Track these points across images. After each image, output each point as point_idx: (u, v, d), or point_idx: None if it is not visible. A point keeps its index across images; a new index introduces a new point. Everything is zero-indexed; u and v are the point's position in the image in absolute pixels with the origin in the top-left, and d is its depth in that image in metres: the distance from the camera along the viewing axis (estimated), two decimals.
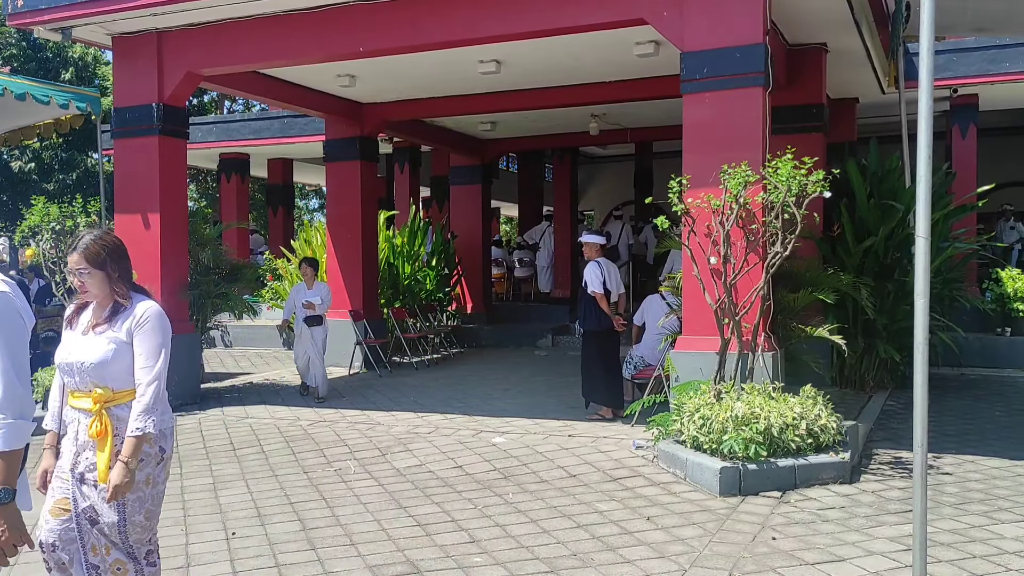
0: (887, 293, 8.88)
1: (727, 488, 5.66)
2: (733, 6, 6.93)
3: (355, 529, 5.19)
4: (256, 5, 8.34)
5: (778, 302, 6.90)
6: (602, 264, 8.07)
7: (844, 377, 9.31)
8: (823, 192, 6.15)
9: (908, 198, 8.38)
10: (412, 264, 13.46)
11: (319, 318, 9.53)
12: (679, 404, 6.44)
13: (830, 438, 6.03)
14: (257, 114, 18.37)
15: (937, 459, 6.51)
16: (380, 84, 11.07)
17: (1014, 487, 5.80)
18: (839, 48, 9.15)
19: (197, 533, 5.23)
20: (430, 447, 7.10)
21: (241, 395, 9.77)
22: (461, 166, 15.80)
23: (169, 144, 9.24)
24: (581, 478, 6.11)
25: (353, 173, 12.01)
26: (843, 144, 11.14)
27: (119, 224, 9.30)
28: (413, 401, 9.21)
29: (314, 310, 9.46)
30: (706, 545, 4.79)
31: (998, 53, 11.35)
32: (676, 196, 6.54)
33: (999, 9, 7.83)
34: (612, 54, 9.51)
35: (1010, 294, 11.13)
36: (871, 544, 4.75)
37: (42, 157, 23.04)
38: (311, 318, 9.45)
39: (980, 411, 8.48)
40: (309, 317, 9.45)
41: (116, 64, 9.48)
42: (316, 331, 9.49)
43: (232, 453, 7.18)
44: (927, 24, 3.77)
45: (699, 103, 7.09)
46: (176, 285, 9.26)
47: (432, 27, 8.08)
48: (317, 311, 9.50)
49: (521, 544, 4.86)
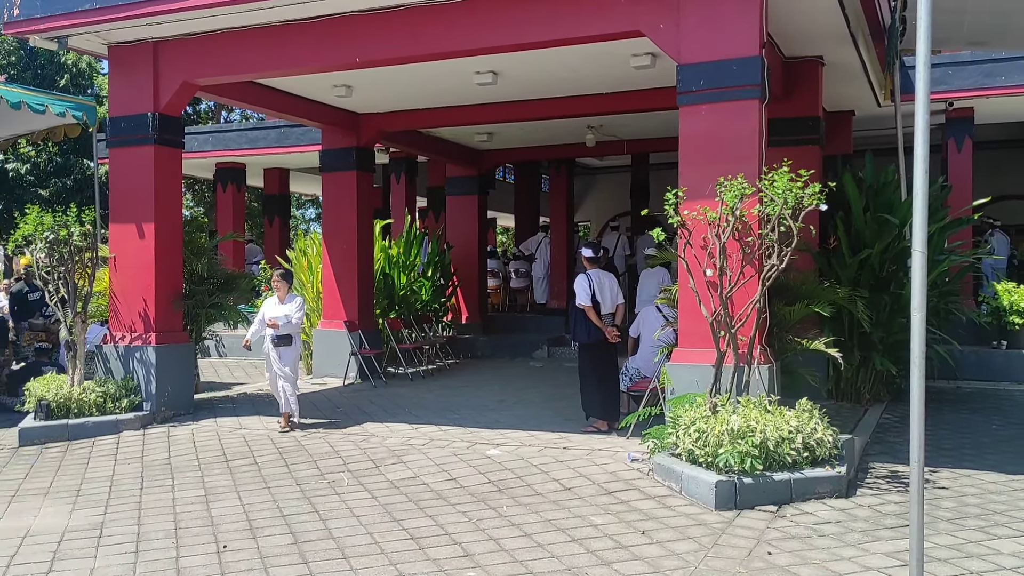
0: (883, 306, 8.87)
1: (723, 502, 5.62)
2: (730, 19, 6.93)
3: (348, 543, 5.14)
4: (253, 15, 8.33)
5: (774, 315, 6.88)
6: (591, 276, 8.05)
7: (840, 390, 9.28)
8: (819, 205, 6.14)
9: (904, 211, 8.38)
10: (408, 274, 13.43)
11: (287, 337, 8.46)
12: (675, 417, 6.41)
13: (826, 452, 6.01)
14: (253, 124, 18.33)
15: (933, 473, 6.48)
16: (377, 94, 11.07)
17: (1011, 502, 5.77)
18: (835, 61, 9.17)
19: (188, 546, 5.19)
20: (424, 459, 7.06)
21: (235, 405, 9.71)
22: (457, 177, 15.80)
23: (164, 153, 9.21)
24: (576, 491, 6.08)
25: (349, 183, 11.99)
26: (839, 157, 11.15)
27: (114, 233, 9.28)
28: (408, 412, 9.16)
29: (278, 329, 8.40)
30: (701, 560, 4.75)
31: (994, 67, 11.39)
32: (672, 208, 6.53)
33: (995, 23, 7.86)
34: (609, 66, 9.51)
35: (1006, 307, 11.13)
36: (867, 559, 4.72)
37: (38, 163, 23.00)
38: (278, 338, 8.41)
39: (976, 425, 8.46)
40: (276, 337, 8.42)
41: (112, 73, 9.46)
42: (284, 352, 8.45)
43: (225, 464, 7.13)
44: (923, 37, 3.77)
45: (695, 115, 7.08)
46: (170, 295, 9.22)
47: (429, 38, 8.08)
48: (284, 330, 8.42)
49: (515, 558, 4.82)
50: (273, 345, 8.42)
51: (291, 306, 8.49)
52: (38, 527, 5.68)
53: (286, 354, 8.47)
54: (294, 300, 8.56)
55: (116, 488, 6.57)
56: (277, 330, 8.37)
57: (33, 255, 8.94)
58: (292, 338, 8.52)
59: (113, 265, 9.25)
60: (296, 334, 8.60)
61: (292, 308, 8.48)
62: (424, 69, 9.52)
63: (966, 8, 7.11)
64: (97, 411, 8.53)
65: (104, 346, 9.19)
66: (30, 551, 5.21)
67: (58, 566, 4.96)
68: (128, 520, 5.75)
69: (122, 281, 9.20)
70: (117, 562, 4.98)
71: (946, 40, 9.03)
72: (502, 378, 11.79)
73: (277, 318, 8.39)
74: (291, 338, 8.50)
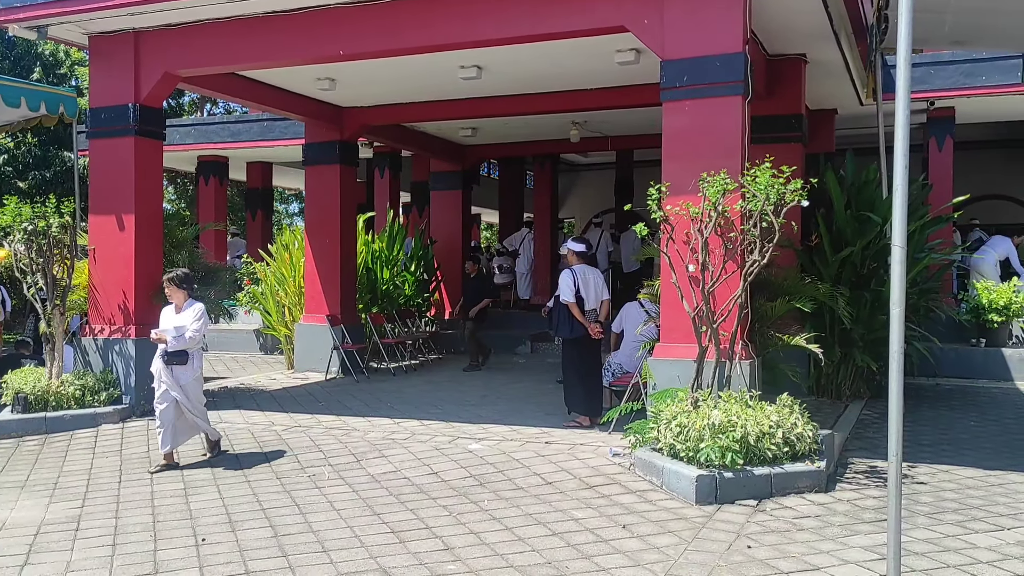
0: (864, 303, 8.92)
1: (703, 496, 5.64)
2: (714, 15, 6.95)
3: (328, 536, 5.12)
4: (235, 6, 8.26)
5: (756, 310, 6.91)
6: (576, 271, 8.05)
7: (821, 386, 9.34)
8: (801, 201, 6.16)
9: (885, 209, 8.43)
10: (391, 269, 13.40)
11: (182, 355, 6.81)
12: (656, 412, 6.42)
13: (806, 447, 6.04)
14: (236, 117, 18.23)
15: (912, 468, 6.53)
16: (360, 88, 11.02)
17: (988, 497, 5.83)
18: (818, 59, 9.21)
19: (166, 539, 5.15)
20: (406, 453, 7.04)
21: (216, 400, 9.63)
22: (442, 172, 15.77)
23: (145, 145, 9.12)
24: (557, 485, 6.08)
25: (333, 177, 11.93)
26: (821, 155, 11.21)
27: (93, 225, 9.19)
28: (390, 407, 9.13)
29: (166, 344, 6.79)
30: (681, 553, 4.76)
31: (975, 67, 11.47)
32: (655, 203, 6.54)
33: (976, 23, 7.91)
34: (593, 62, 9.51)
35: (985, 305, 11.23)
36: (846, 553, 4.75)
37: (16, 155, 22.74)
38: (169, 354, 6.78)
39: (955, 421, 8.53)
40: (167, 353, 6.79)
41: (92, 64, 9.37)
42: (178, 373, 6.81)
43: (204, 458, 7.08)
44: (904, 36, 3.79)
45: (679, 111, 7.10)
46: (150, 288, 9.12)
47: (413, 31, 8.04)
48: (174, 345, 6.77)
49: (496, 552, 4.82)
50: (164, 363, 6.80)
51: (187, 315, 6.86)
52: (14, 520, 5.62)
53: (181, 375, 6.83)
54: (192, 307, 6.92)
55: (94, 481, 6.52)
56: (167, 345, 6.79)
57: (11, 247, 8.83)
58: (189, 356, 6.86)
59: (93, 257, 9.16)
60: (195, 351, 6.94)
61: (188, 318, 6.84)
62: (408, 63, 9.48)
63: (948, 7, 7.14)
64: (75, 404, 8.45)
65: (83, 339, 9.11)
66: (6, 544, 5.15)
67: (34, 559, 4.91)
68: (106, 513, 5.70)
69: (101, 273, 9.12)
70: (94, 555, 4.93)
71: (927, 39, 9.09)
72: (485, 373, 11.78)
73: (165, 331, 6.83)
74: (187, 355, 6.84)
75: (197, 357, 6.99)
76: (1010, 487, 6.06)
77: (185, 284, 7.02)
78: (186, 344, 6.80)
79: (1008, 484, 6.14)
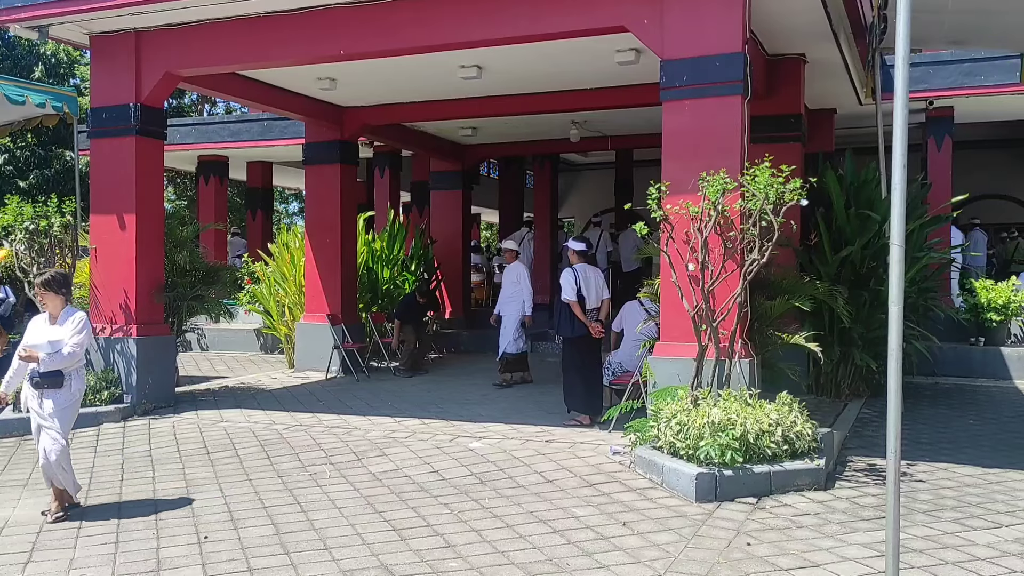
0: (863, 302, 8.95)
1: (703, 494, 5.66)
2: (713, 15, 6.98)
3: (329, 534, 5.15)
4: (236, 6, 8.29)
5: (755, 309, 6.93)
6: (577, 271, 8.08)
7: (820, 385, 9.36)
8: (800, 200, 6.19)
9: (884, 208, 8.45)
10: (391, 268, 13.42)
11: (56, 376, 5.42)
12: (656, 410, 6.45)
13: (806, 445, 6.06)
14: (236, 116, 18.24)
15: (911, 467, 6.56)
16: (361, 88, 11.04)
17: (986, 495, 5.85)
18: (817, 59, 9.23)
19: (168, 537, 5.17)
20: (407, 452, 7.06)
21: (216, 399, 9.67)
22: (442, 171, 15.78)
23: (146, 145, 9.14)
24: (558, 483, 6.10)
25: (333, 177, 11.95)
26: (820, 154, 11.22)
27: (94, 225, 9.21)
28: (390, 406, 9.16)
29: (38, 363, 5.41)
30: (681, 551, 4.79)
31: (973, 66, 11.49)
32: (655, 202, 6.56)
33: (975, 22, 7.93)
34: (593, 61, 9.53)
35: (984, 304, 11.25)
36: (845, 550, 4.77)
37: (17, 155, 22.76)
38: (42, 376, 5.42)
39: (954, 420, 8.56)
40: (39, 374, 5.43)
41: (93, 63, 9.38)
42: (49, 397, 5.47)
43: (206, 457, 7.10)
44: (903, 36, 3.81)
45: (678, 111, 7.12)
46: (151, 287, 9.16)
47: (413, 31, 8.07)
48: (50, 364, 5.40)
49: (497, 549, 4.84)
50: (33, 387, 5.48)
51: (66, 327, 5.51)
52: (17, 518, 5.63)
53: (52, 400, 5.46)
54: (71, 317, 5.57)
55: (96, 480, 6.54)
56: (39, 364, 5.41)
57: (12, 246, 8.86)
58: (64, 377, 5.46)
59: (94, 256, 9.18)
60: (74, 370, 5.54)
61: (67, 331, 5.49)
62: (409, 63, 9.51)
63: (946, 7, 7.16)
64: None
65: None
66: (9, 542, 5.17)
67: (37, 556, 4.93)
68: (108, 511, 5.72)
69: (103, 272, 9.14)
70: (97, 552, 4.95)
71: (926, 39, 9.10)
72: (485, 372, 11.79)
73: (38, 347, 5.44)
74: (61, 377, 5.44)
75: (77, 378, 5.58)
76: (1008, 485, 6.09)
77: (63, 288, 5.65)
78: (63, 362, 5.43)
79: (1006, 482, 6.17)
